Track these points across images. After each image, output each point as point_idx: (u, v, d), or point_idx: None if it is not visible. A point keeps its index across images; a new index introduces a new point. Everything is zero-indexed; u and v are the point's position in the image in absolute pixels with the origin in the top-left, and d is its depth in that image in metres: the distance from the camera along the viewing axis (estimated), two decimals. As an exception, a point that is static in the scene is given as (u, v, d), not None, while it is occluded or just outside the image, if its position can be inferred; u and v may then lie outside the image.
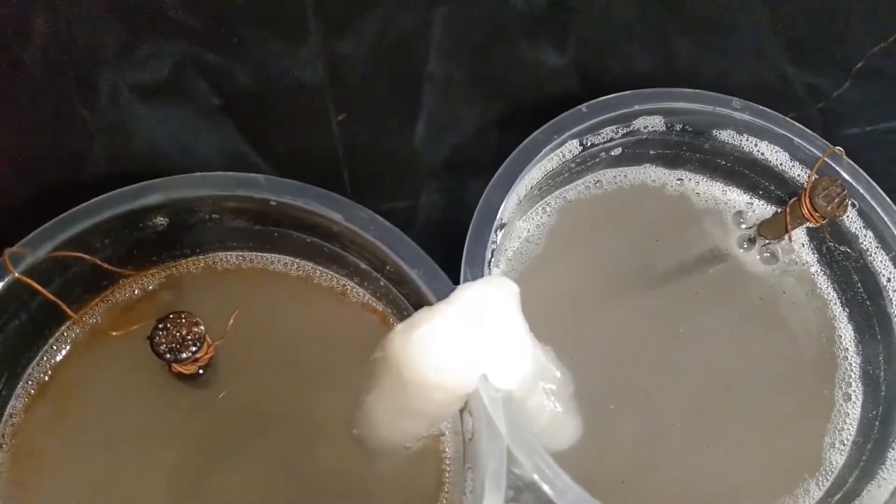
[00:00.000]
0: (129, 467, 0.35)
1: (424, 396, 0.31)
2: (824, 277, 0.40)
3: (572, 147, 0.37)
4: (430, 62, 0.59)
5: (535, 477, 0.29)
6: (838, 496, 0.34)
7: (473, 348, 0.30)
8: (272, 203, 0.34)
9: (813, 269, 0.40)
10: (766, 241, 0.40)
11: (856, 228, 0.38)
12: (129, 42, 0.50)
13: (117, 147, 0.47)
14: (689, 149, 0.39)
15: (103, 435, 0.35)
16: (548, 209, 0.40)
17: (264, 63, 0.56)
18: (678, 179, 0.41)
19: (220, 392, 0.36)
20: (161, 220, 0.34)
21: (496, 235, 0.34)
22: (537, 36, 0.56)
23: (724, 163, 0.40)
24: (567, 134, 0.35)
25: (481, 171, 0.37)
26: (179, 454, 0.35)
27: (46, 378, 0.34)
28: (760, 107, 0.38)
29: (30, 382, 0.34)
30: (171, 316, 0.31)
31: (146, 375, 0.36)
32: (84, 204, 0.32)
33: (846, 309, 0.39)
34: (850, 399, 0.37)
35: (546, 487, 0.29)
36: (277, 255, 0.37)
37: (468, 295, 0.31)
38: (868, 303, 0.38)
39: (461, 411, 0.33)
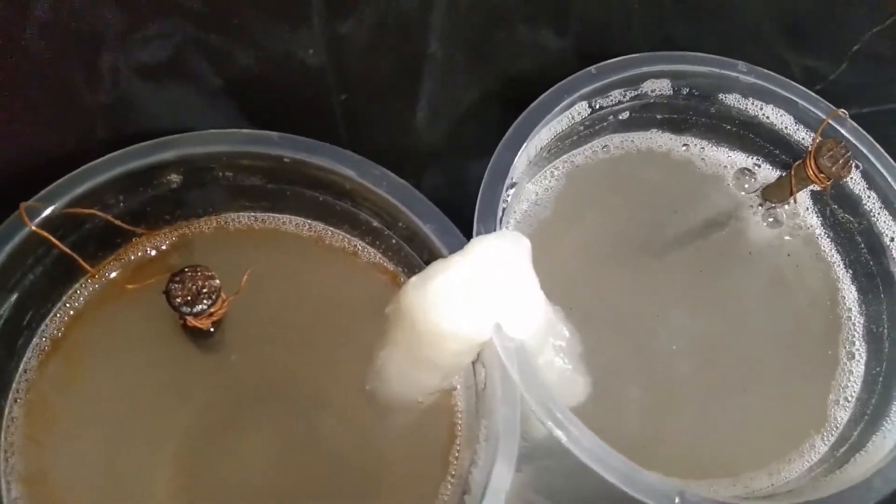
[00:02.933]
0: (141, 427, 0.35)
1: (439, 347, 0.31)
2: (828, 240, 0.41)
3: (581, 109, 0.37)
4: (431, 44, 0.60)
5: (549, 424, 0.30)
6: (843, 449, 0.35)
7: (487, 298, 0.30)
8: (286, 160, 0.34)
9: (817, 232, 0.41)
10: (771, 205, 0.41)
11: (859, 190, 0.38)
12: (131, 24, 0.50)
13: (120, 127, 0.47)
14: (695, 113, 0.40)
15: (114, 394, 0.35)
16: (556, 173, 0.40)
17: (266, 44, 0.56)
18: (684, 145, 0.41)
19: (231, 354, 0.37)
20: (175, 178, 0.34)
21: (507, 194, 0.35)
22: (537, 19, 0.56)
23: (729, 127, 0.40)
24: (576, 95, 0.36)
25: (482, 153, 0.37)
26: (191, 415, 0.36)
27: (59, 334, 0.34)
28: (766, 70, 0.38)
29: (44, 338, 0.34)
30: (187, 270, 0.32)
31: (160, 333, 0.36)
32: (99, 159, 0.33)
33: (849, 270, 0.40)
34: (853, 357, 0.38)
35: (560, 434, 0.30)
36: (289, 216, 0.38)
37: (481, 247, 0.31)
38: (871, 263, 0.38)
39: (473, 363, 0.33)
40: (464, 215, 0.35)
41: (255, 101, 0.50)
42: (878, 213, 0.38)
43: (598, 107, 0.37)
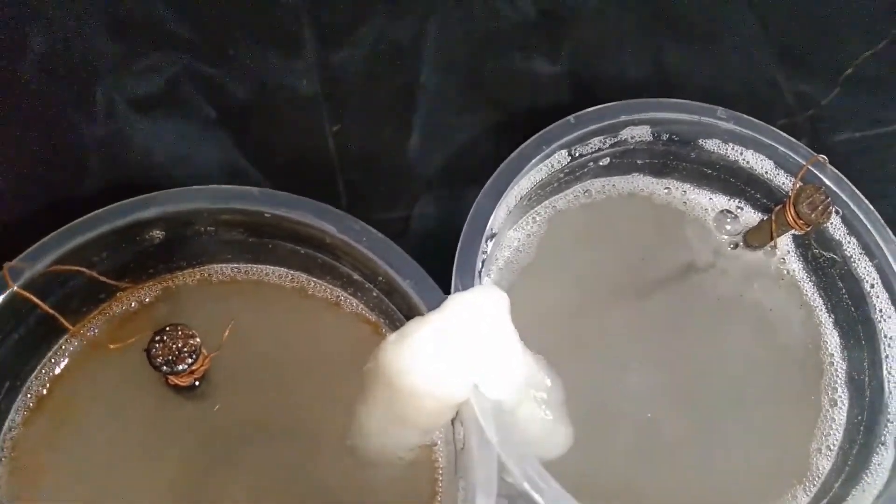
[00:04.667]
0: (127, 481, 0.35)
1: (416, 405, 0.32)
2: (810, 284, 0.41)
3: (561, 157, 0.37)
4: (423, 73, 0.60)
5: (526, 486, 0.30)
6: (824, 501, 0.35)
7: (464, 358, 0.31)
8: (266, 215, 0.34)
9: (799, 277, 0.41)
10: (753, 249, 0.41)
11: (840, 235, 0.38)
12: (125, 56, 0.51)
13: (115, 158, 0.48)
14: (676, 158, 0.40)
15: (101, 448, 0.35)
16: (538, 219, 0.40)
17: (260, 75, 0.56)
18: (665, 188, 0.42)
19: (215, 404, 0.37)
20: (158, 234, 0.34)
21: (486, 245, 0.35)
22: (529, 46, 0.56)
23: (710, 171, 0.40)
24: (555, 145, 0.36)
25: (475, 181, 0.38)
26: (176, 467, 0.36)
27: (45, 391, 0.35)
28: (746, 116, 0.38)
29: (28, 395, 0.34)
30: (168, 329, 0.32)
31: (143, 388, 0.36)
32: (81, 218, 0.33)
33: (832, 315, 0.40)
34: (836, 404, 0.38)
35: (536, 496, 0.30)
36: (272, 267, 0.38)
37: (458, 304, 0.31)
38: (853, 309, 0.38)
39: (453, 421, 0.33)
40: (455, 244, 0.35)
41: (249, 132, 0.51)
42: (859, 259, 0.38)
43: (577, 154, 0.38)
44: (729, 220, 0.41)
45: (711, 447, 0.38)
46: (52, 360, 0.35)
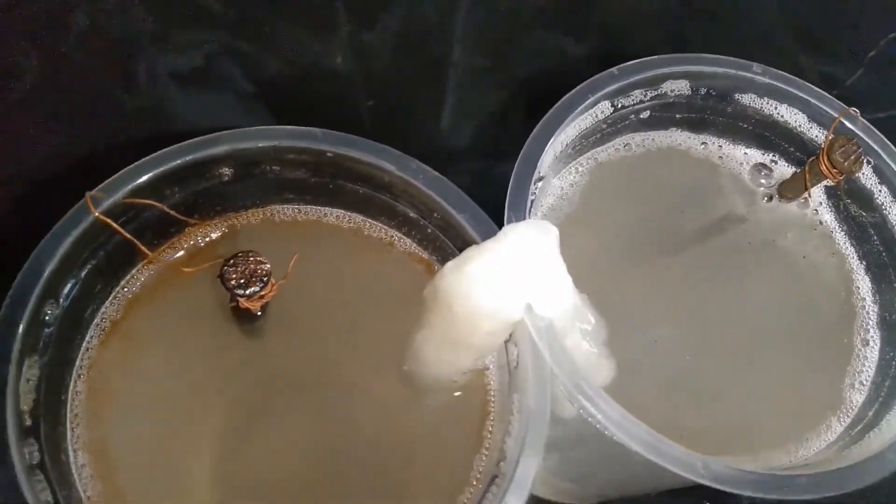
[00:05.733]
0: (187, 407, 0.37)
1: (473, 327, 0.33)
2: (842, 233, 0.42)
3: (604, 108, 0.39)
4: (454, 51, 0.62)
5: (578, 397, 0.32)
6: (858, 428, 0.37)
7: (519, 280, 0.33)
8: (328, 154, 0.36)
9: (831, 226, 0.43)
10: (787, 201, 0.43)
11: (871, 185, 0.40)
12: (165, 31, 0.53)
13: (155, 129, 0.50)
14: (713, 112, 0.42)
15: (165, 375, 0.37)
16: (580, 169, 0.42)
17: (296, 52, 0.59)
18: (702, 143, 0.43)
19: (272, 339, 0.39)
20: (226, 171, 0.37)
21: (535, 187, 0.37)
22: (557, 26, 0.58)
23: (745, 126, 0.42)
24: (600, 94, 0.38)
25: (504, 156, 0.39)
26: (233, 397, 0.38)
27: (118, 316, 0.37)
28: (779, 71, 0.40)
29: (104, 319, 0.36)
30: (240, 254, 0.34)
31: (208, 319, 0.38)
32: (158, 152, 0.35)
33: (863, 262, 0.41)
34: (868, 344, 0.40)
35: (588, 405, 0.31)
36: (330, 209, 0.40)
37: (514, 234, 0.33)
38: (884, 254, 0.40)
39: (506, 343, 0.35)
40: (489, 214, 0.37)
41: (286, 107, 0.53)
42: (890, 207, 0.40)
43: (619, 106, 0.40)
44: (763, 173, 0.43)
45: (748, 386, 0.40)
46: (126, 287, 0.37)
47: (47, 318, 0.33)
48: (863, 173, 0.40)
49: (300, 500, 0.37)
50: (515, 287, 0.32)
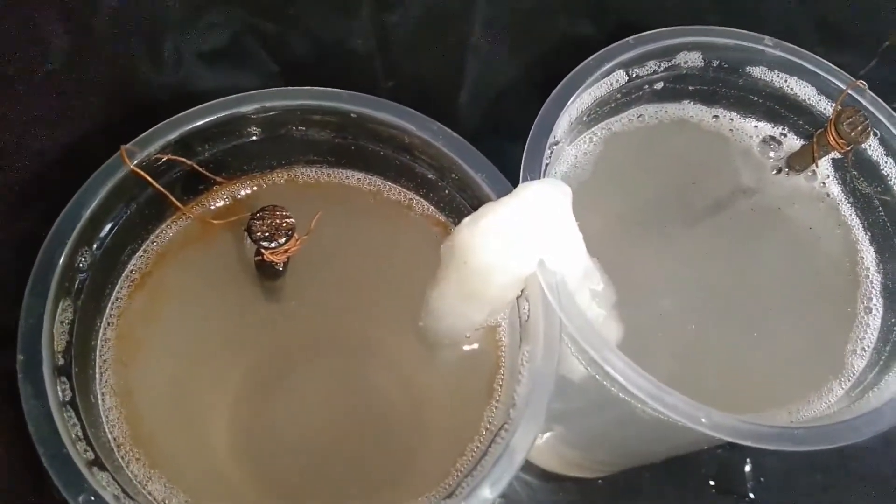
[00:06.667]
0: (209, 361, 0.39)
1: (487, 281, 0.35)
2: (848, 206, 0.43)
3: (619, 76, 0.41)
4: (473, 34, 0.63)
5: (585, 346, 0.33)
6: (858, 390, 0.38)
7: (532, 236, 0.34)
8: (353, 115, 0.38)
9: (838, 199, 0.44)
10: (795, 173, 0.44)
11: (877, 156, 0.41)
12: (192, 11, 0.55)
13: (182, 105, 0.52)
14: (724, 85, 0.43)
15: (189, 329, 0.39)
16: (594, 139, 0.43)
17: (319, 33, 0.60)
18: (714, 116, 0.45)
19: (293, 300, 0.41)
20: (255, 130, 0.38)
21: (549, 151, 0.38)
22: (576, 11, 0.60)
23: (756, 99, 0.43)
24: (615, 62, 0.39)
25: (521, 138, 0.40)
26: (253, 354, 0.40)
27: (147, 269, 0.38)
28: (790, 44, 0.42)
29: (133, 271, 0.38)
30: (267, 208, 0.36)
31: (232, 277, 0.40)
32: (190, 109, 0.37)
33: (868, 233, 0.43)
34: (870, 312, 0.41)
35: (594, 353, 0.33)
36: (352, 172, 0.41)
37: (528, 190, 0.35)
38: (888, 225, 0.41)
39: (518, 298, 0.37)
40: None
41: (310, 85, 0.54)
42: (895, 178, 0.41)
43: (634, 75, 0.41)
44: (773, 146, 0.44)
45: (752, 353, 0.41)
46: (156, 241, 0.39)
47: (81, 264, 0.34)
48: (869, 145, 0.41)
49: (317, 452, 0.38)
50: (528, 242, 0.34)
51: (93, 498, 0.29)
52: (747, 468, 0.56)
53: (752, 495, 0.56)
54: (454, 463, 0.36)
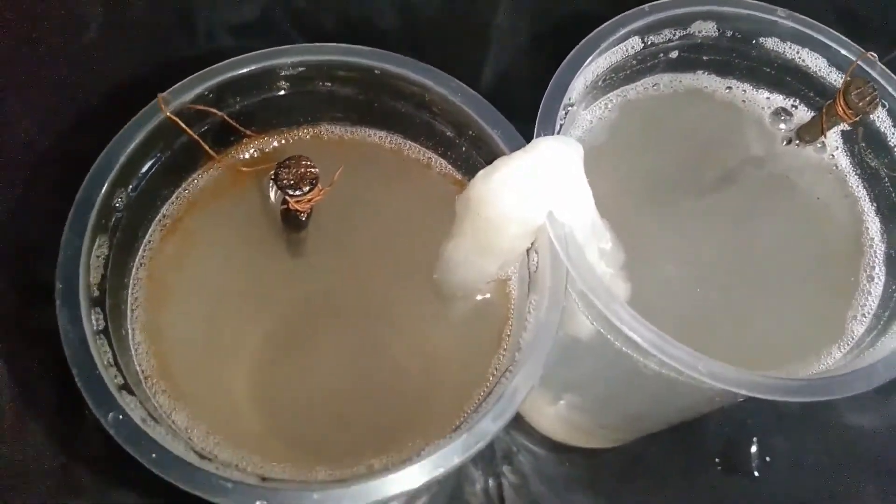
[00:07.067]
0: (234, 308, 0.41)
1: (500, 231, 0.36)
2: (855, 177, 0.44)
3: (634, 43, 0.42)
4: (498, 16, 0.65)
5: (589, 295, 0.35)
6: (855, 352, 0.39)
7: (544, 188, 0.35)
8: (376, 72, 0.40)
9: (846, 170, 0.45)
10: (805, 143, 0.45)
11: (885, 128, 0.42)
12: None
13: None
14: (738, 56, 0.44)
15: (218, 274, 0.41)
16: (609, 105, 0.45)
17: (346, 10, 0.62)
18: (727, 87, 0.46)
19: (316, 251, 0.42)
20: (283, 84, 0.40)
21: (563, 113, 0.40)
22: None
23: (769, 70, 0.44)
24: (630, 27, 0.41)
25: None
26: (277, 302, 0.42)
27: (178, 214, 0.41)
28: (802, 16, 0.43)
29: (165, 216, 0.40)
30: (293, 157, 0.37)
31: (259, 229, 0.42)
32: (222, 62, 0.39)
33: (874, 203, 0.43)
34: (873, 280, 0.42)
35: (598, 302, 0.34)
36: (374, 130, 0.43)
37: (541, 145, 0.36)
38: (893, 195, 0.42)
39: (528, 251, 0.38)
40: None
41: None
42: (902, 149, 0.42)
43: (649, 43, 0.42)
44: (784, 117, 0.45)
45: (757, 316, 0.42)
46: (187, 189, 0.41)
47: (118, 203, 0.37)
48: (877, 116, 0.42)
49: (332, 401, 0.40)
50: (539, 194, 0.35)
51: (121, 417, 0.31)
52: (753, 448, 0.58)
53: (756, 473, 0.57)
54: (463, 406, 0.38)
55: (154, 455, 0.31)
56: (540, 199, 0.35)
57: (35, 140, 0.52)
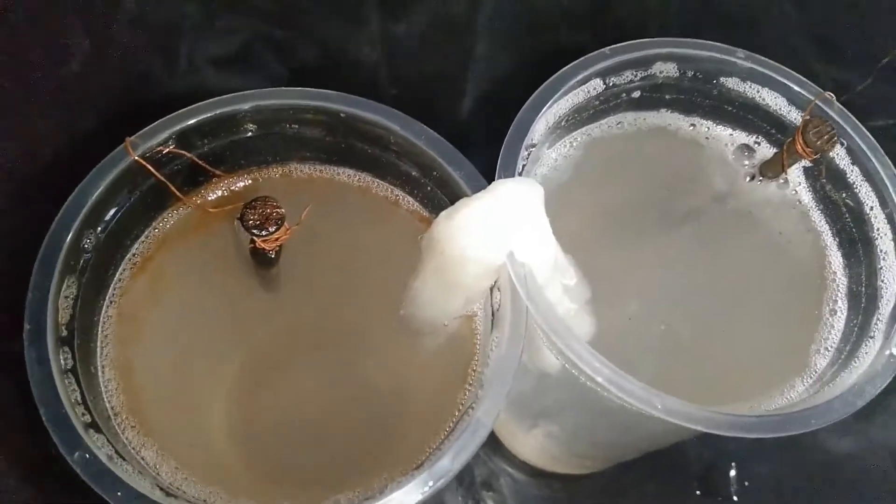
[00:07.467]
0: (205, 344, 0.41)
1: (461, 271, 0.37)
2: (818, 212, 0.45)
3: (596, 85, 0.43)
4: (477, 46, 0.66)
5: (547, 331, 0.35)
6: (817, 386, 0.39)
7: (503, 229, 0.36)
8: (342, 115, 0.40)
9: (808, 206, 0.45)
10: (768, 180, 0.46)
11: (844, 165, 0.43)
12: (206, 17, 0.58)
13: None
14: (700, 95, 0.45)
15: (187, 313, 0.42)
16: (574, 143, 0.46)
17: (327, 41, 0.63)
18: (691, 125, 0.47)
19: (285, 288, 0.43)
20: (251, 126, 0.41)
21: (526, 153, 0.40)
22: (578, 25, 0.62)
23: (730, 108, 0.45)
24: (591, 71, 0.42)
25: None
26: (247, 337, 0.42)
27: (148, 253, 0.41)
28: (761, 57, 0.44)
29: (135, 255, 0.41)
30: (259, 198, 0.38)
31: (228, 265, 0.43)
32: (190, 106, 0.40)
33: (836, 238, 0.44)
34: (835, 314, 0.42)
35: (556, 339, 0.35)
36: (343, 168, 0.44)
37: (501, 187, 0.37)
38: (854, 230, 0.43)
39: (491, 289, 0.39)
40: None
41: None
42: (860, 185, 0.42)
43: (611, 84, 0.43)
44: (747, 153, 0.46)
45: (720, 352, 0.43)
46: (157, 228, 0.41)
47: (87, 245, 0.37)
48: (836, 154, 0.43)
49: (302, 433, 0.40)
50: (499, 234, 0.36)
51: (87, 455, 0.32)
52: (732, 472, 0.58)
53: (735, 498, 0.57)
54: (428, 441, 0.38)
55: (119, 493, 0.32)
56: (499, 239, 0.36)
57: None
